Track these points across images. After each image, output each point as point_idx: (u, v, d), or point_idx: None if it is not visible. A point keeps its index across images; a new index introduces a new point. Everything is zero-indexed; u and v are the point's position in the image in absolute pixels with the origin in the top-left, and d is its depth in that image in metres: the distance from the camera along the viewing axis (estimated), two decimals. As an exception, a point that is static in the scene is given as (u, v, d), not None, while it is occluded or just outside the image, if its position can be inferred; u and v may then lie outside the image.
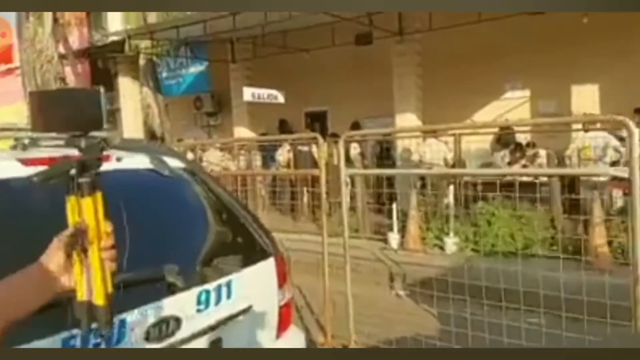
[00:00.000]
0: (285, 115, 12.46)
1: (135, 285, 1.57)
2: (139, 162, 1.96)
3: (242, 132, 11.00)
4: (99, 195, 0.97)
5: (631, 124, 2.32)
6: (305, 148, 9.08)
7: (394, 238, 6.79)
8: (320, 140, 3.90)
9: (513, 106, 9.22)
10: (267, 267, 2.16)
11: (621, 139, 7.04)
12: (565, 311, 3.35)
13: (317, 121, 12.47)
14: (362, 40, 10.69)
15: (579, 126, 7.07)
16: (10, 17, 11.75)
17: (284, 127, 12.03)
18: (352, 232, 7.61)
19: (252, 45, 10.25)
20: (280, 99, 10.04)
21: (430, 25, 8.25)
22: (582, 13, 7.42)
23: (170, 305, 1.73)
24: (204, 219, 2.17)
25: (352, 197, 8.75)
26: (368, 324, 4.23)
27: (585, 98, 8.44)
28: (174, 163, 2.11)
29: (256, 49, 10.40)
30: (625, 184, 6.76)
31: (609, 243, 5.41)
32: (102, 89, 1.08)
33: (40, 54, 10.66)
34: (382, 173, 5.96)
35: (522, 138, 8.43)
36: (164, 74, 12.22)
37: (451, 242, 6.36)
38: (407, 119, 8.45)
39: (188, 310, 1.79)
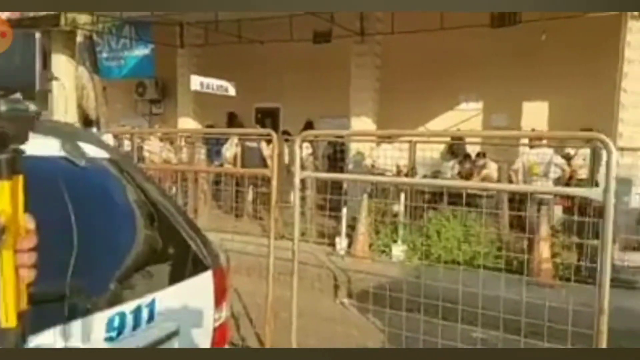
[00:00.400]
0: (235, 108, 11.96)
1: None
2: (46, 147, 1.54)
3: (187, 123, 10.40)
4: (20, 179, 0.79)
5: (610, 143, 2.15)
6: (254, 144, 8.69)
7: (341, 243, 6.55)
8: (275, 137, 3.55)
9: (466, 117, 9.27)
10: (202, 283, 1.79)
11: (567, 158, 7.19)
12: (505, 327, 3.37)
13: (268, 117, 12.06)
14: (321, 38, 10.43)
15: (525, 141, 7.18)
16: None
17: (233, 121, 11.53)
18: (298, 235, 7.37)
19: (204, 30, 9.69)
20: (231, 91, 9.55)
21: (392, 28, 8.09)
22: (541, 30, 7.53)
23: (71, 334, 1.34)
24: (126, 222, 1.76)
25: (302, 199, 8.49)
26: (312, 335, 3.95)
27: (535, 115, 8.62)
28: (93, 151, 1.71)
29: (208, 36, 9.85)
30: (565, 200, 6.96)
31: (553, 259, 5.43)
32: (38, 34, 0.84)
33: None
34: (337, 178, 5.69)
35: (472, 150, 8.47)
36: (104, 54, 11.36)
37: (398, 250, 6.20)
38: (362, 122, 8.24)
39: (95, 339, 1.40)
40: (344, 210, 6.59)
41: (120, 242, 1.70)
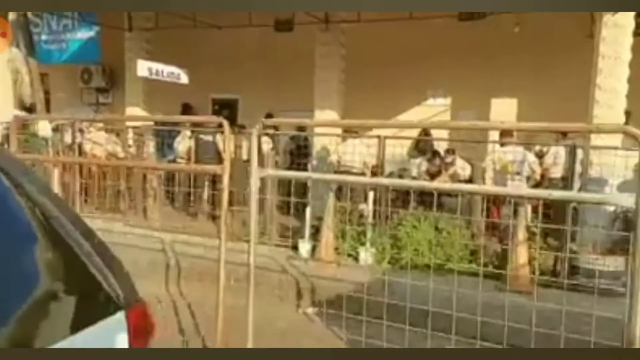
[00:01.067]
0: (190, 99, 11.18)
1: None
2: None
3: (136, 113, 9.54)
4: None
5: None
6: (209, 137, 8.02)
7: (304, 246, 6.02)
8: (227, 127, 2.96)
9: (434, 114, 8.92)
10: (113, 328, 1.21)
11: (539, 156, 6.93)
12: (482, 335, 3.21)
13: (226, 109, 11.35)
14: (282, 26, 9.83)
15: (495, 138, 6.91)
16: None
17: (187, 112, 10.76)
18: (257, 237, 6.79)
19: (155, 13, 8.88)
20: (184, 79, 8.78)
21: (358, 16, 7.60)
22: (514, 22, 7.25)
23: None
24: (5, 248, 1.15)
25: (261, 199, 7.90)
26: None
27: (503, 111, 8.35)
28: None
29: (159, 19, 9.04)
30: (535, 202, 6.70)
31: (530, 263, 5.10)
32: None
33: None
34: (300, 176, 5.14)
35: (439, 146, 8.13)
36: (44, 37, 10.35)
37: (366, 254, 5.73)
38: (326, 116, 7.71)
39: None
40: (308, 211, 6.06)
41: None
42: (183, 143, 8.34)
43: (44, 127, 8.31)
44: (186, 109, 11.22)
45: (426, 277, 4.34)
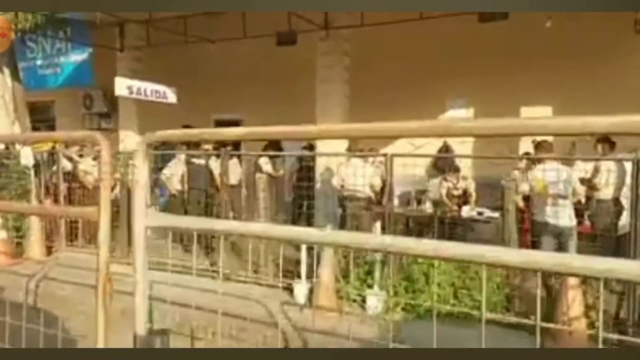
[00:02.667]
0: (190, 121, 10.41)
1: None
2: None
3: (130, 138, 8.82)
4: None
5: None
6: (202, 162, 7.19)
7: (300, 289, 5.03)
8: (104, 143, 2.01)
9: (454, 126, 7.86)
10: None
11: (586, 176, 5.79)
12: None
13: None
14: (285, 39, 9.05)
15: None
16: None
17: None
18: (246, 276, 5.85)
19: (145, 29, 8.20)
20: (171, 97, 8.01)
21: (362, 19, 6.70)
22: (546, 16, 6.21)
23: None
24: None
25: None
26: None
27: (536, 121, 7.24)
28: None
29: (149, 35, 8.36)
30: (586, 227, 5.55)
31: (585, 313, 3.97)
32: None
33: None
34: (201, 228, 4.17)
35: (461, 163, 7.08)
36: (39, 62, 9.80)
37: (375, 300, 4.69)
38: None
39: None
40: (303, 247, 5.07)
41: None
42: (176, 169, 7.55)
43: (26, 155, 7.65)
44: (188, 133, 10.50)
45: (450, 329, 3.35)
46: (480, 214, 6.47)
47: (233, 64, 8.99)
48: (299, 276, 5.13)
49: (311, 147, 7.57)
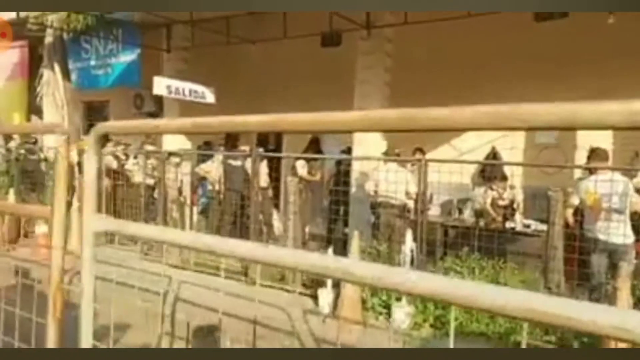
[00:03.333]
0: (234, 122, 10.51)
1: None
2: None
3: (173, 139, 8.92)
4: None
5: None
6: (238, 163, 7.14)
7: (325, 297, 4.80)
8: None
9: (504, 133, 7.34)
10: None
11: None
12: None
13: (271, 133, 10.51)
14: (330, 40, 8.90)
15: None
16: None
17: (231, 138, 10.05)
18: (276, 281, 5.69)
19: (191, 30, 8.27)
20: (209, 97, 8.01)
21: (405, 18, 6.40)
22: (607, 12, 5.68)
23: None
24: None
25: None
26: None
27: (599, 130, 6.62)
28: None
29: (195, 36, 8.44)
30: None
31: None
32: None
33: None
34: (146, 236, 3.98)
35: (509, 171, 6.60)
36: (92, 62, 10.15)
37: (402, 313, 4.39)
38: (367, 136, 6.52)
39: None
40: (330, 252, 4.86)
41: None
42: (215, 169, 7.55)
43: (73, 153, 7.92)
44: (230, 134, 10.54)
45: (485, 352, 3.02)
46: (527, 226, 6.00)
47: (274, 64, 8.91)
48: (323, 284, 4.92)
49: (349, 151, 7.34)
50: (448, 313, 4.24)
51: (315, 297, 4.99)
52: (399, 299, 4.54)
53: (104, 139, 1.42)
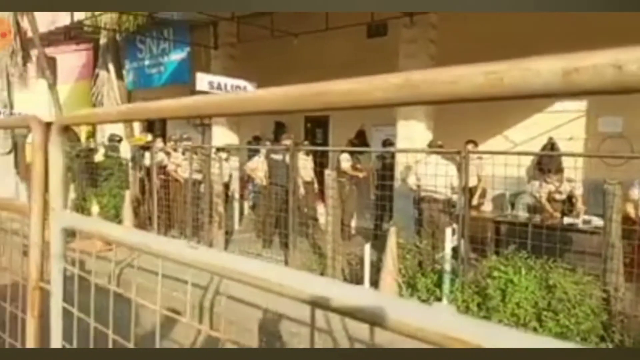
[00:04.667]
0: (282, 118, 10.54)
1: None
2: None
3: (223, 134, 9.08)
4: None
5: None
6: (279, 157, 7.11)
7: (362, 295, 4.63)
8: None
9: (563, 122, 6.81)
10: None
11: None
12: None
13: (318, 127, 10.44)
14: (376, 31, 8.70)
15: None
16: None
17: (280, 132, 10.10)
18: (314, 273, 5.60)
19: (237, 25, 8.33)
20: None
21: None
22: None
23: None
24: None
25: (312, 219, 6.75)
26: None
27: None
28: None
29: (240, 32, 8.49)
30: None
31: None
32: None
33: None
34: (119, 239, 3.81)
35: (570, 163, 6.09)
36: (146, 62, 10.52)
37: (443, 314, 4.14)
38: (411, 128, 6.28)
39: None
40: (367, 248, 4.69)
41: None
42: (261, 164, 7.58)
43: (124, 149, 8.25)
44: (279, 128, 10.59)
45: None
46: (587, 222, 5.51)
47: (318, 56, 8.79)
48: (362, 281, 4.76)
49: (392, 144, 7.11)
50: (493, 315, 3.96)
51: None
52: (438, 298, 4.31)
53: (66, 130, 1.37)
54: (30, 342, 1.46)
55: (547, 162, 6.55)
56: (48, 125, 1.40)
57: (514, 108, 7.01)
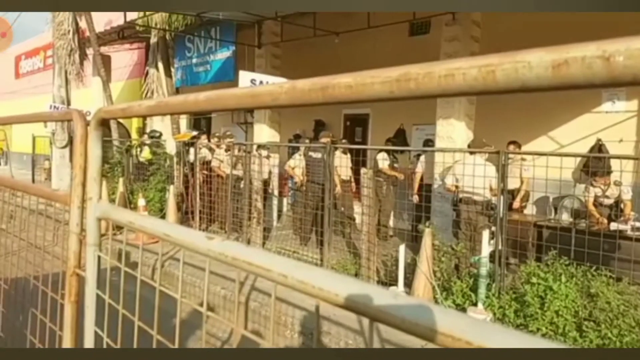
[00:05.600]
0: (323, 115, 10.59)
1: None
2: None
3: (264, 132, 9.22)
4: None
5: None
6: (318, 155, 7.14)
7: (396, 296, 4.60)
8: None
9: (611, 123, 6.50)
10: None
11: None
12: None
13: (358, 126, 10.42)
14: (418, 29, 8.61)
15: None
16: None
17: (319, 130, 10.15)
18: (351, 275, 5.61)
19: (280, 24, 8.43)
20: (293, 90, 8.07)
21: (495, -1, 5.90)
22: None
23: None
24: None
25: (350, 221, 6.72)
26: None
27: None
28: None
29: (283, 31, 8.59)
30: None
31: None
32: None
33: (60, 27, 9.61)
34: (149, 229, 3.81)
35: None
36: (194, 60, 10.81)
37: (477, 318, 4.05)
38: (451, 127, 6.16)
39: None
40: (402, 249, 4.64)
41: None
42: (301, 162, 7.66)
43: (171, 146, 8.52)
44: (318, 126, 10.65)
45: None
46: (637, 229, 5.25)
47: (361, 56, 8.77)
48: (394, 281, 4.73)
49: (433, 144, 7.00)
50: (530, 323, 3.85)
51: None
52: (474, 303, 4.23)
53: (104, 124, 1.44)
54: (67, 327, 1.54)
55: (594, 164, 6.27)
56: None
57: (559, 108, 6.75)
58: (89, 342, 1.38)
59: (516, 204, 6.02)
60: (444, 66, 0.54)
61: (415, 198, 6.68)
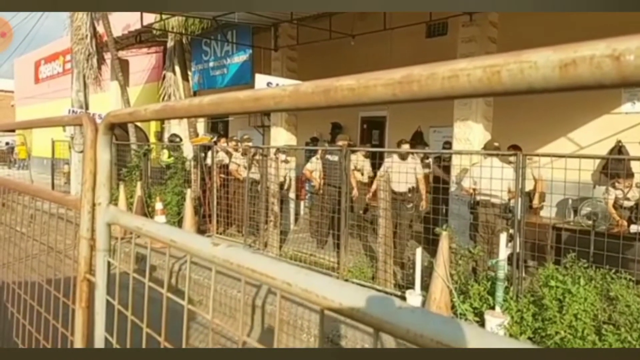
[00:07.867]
0: (340, 118, 10.58)
1: None
2: None
3: (281, 135, 9.23)
4: None
5: None
6: (335, 158, 7.13)
7: (413, 300, 4.57)
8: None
9: (631, 124, 6.35)
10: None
11: None
12: None
13: (375, 128, 10.38)
14: (435, 31, 8.56)
15: None
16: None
17: (336, 132, 10.14)
18: (366, 279, 5.58)
19: (296, 27, 8.44)
20: (308, 93, 8.07)
21: None
22: None
23: None
24: None
25: (371, 222, 6.67)
26: None
27: None
28: None
29: (299, 34, 8.61)
30: None
31: None
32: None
33: (78, 31, 9.77)
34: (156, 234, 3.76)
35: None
36: (211, 63, 10.90)
37: (495, 323, 4.00)
38: (468, 129, 6.09)
39: None
40: (418, 252, 4.60)
41: None
42: (311, 165, 7.65)
43: (188, 150, 8.59)
44: (335, 129, 10.63)
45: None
46: (660, 233, 5.10)
47: (378, 58, 8.73)
48: (411, 285, 4.68)
49: (446, 146, 6.93)
50: (548, 327, 3.77)
51: (403, 299, 4.77)
52: (492, 307, 4.16)
53: (112, 128, 1.45)
54: (78, 332, 1.55)
55: (614, 166, 6.14)
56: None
57: (578, 109, 6.63)
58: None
59: (535, 203, 5.92)
60: (448, 67, 0.52)
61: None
